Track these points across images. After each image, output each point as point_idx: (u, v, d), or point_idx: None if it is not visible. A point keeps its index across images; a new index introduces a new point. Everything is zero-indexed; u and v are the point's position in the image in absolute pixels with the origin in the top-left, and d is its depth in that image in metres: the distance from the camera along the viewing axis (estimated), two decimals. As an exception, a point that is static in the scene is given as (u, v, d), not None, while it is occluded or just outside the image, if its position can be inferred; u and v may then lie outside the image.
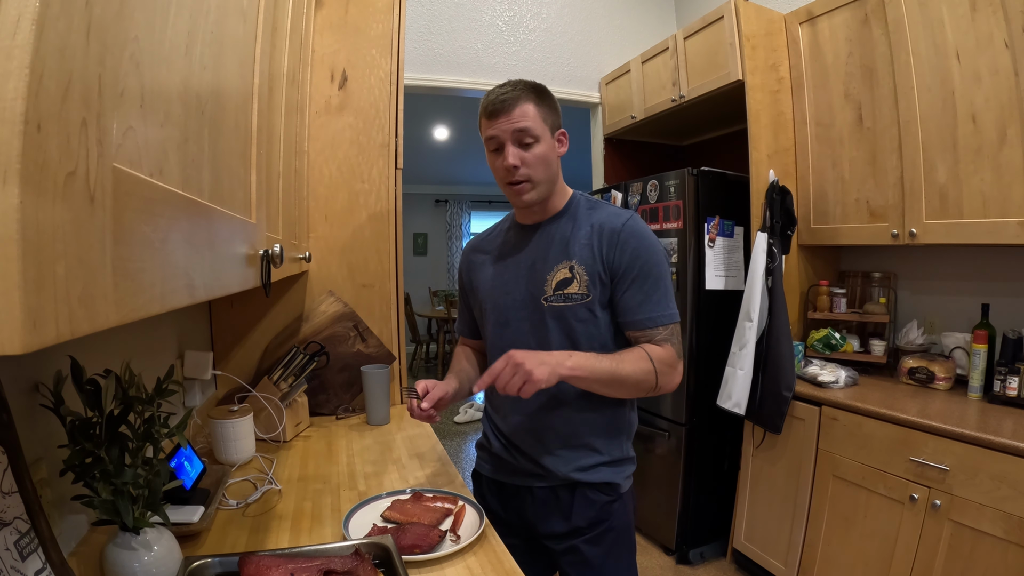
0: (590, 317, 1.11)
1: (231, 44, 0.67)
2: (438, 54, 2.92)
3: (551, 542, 1.18)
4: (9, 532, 0.63)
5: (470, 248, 1.32)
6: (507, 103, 1.06)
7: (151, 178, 0.42)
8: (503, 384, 0.96)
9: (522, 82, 1.09)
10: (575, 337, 1.12)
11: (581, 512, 1.14)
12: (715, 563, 2.40)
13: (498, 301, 1.19)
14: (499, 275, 1.20)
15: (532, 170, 1.09)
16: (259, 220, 0.83)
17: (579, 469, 1.14)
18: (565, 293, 1.11)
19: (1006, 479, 1.41)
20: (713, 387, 2.18)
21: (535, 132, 1.07)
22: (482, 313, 1.24)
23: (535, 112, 1.07)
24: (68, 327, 0.30)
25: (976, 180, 1.72)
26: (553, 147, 1.11)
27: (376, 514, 1.09)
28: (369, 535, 0.98)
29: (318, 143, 1.80)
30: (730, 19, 2.25)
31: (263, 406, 1.47)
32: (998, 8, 1.62)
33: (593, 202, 1.19)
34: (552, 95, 1.13)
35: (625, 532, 1.18)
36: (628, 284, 1.09)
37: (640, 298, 1.09)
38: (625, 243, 1.09)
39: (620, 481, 1.16)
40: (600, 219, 1.13)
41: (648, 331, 1.10)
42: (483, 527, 1.02)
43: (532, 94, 1.08)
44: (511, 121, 1.06)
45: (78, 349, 0.81)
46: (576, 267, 1.11)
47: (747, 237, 2.38)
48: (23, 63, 0.26)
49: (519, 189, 1.10)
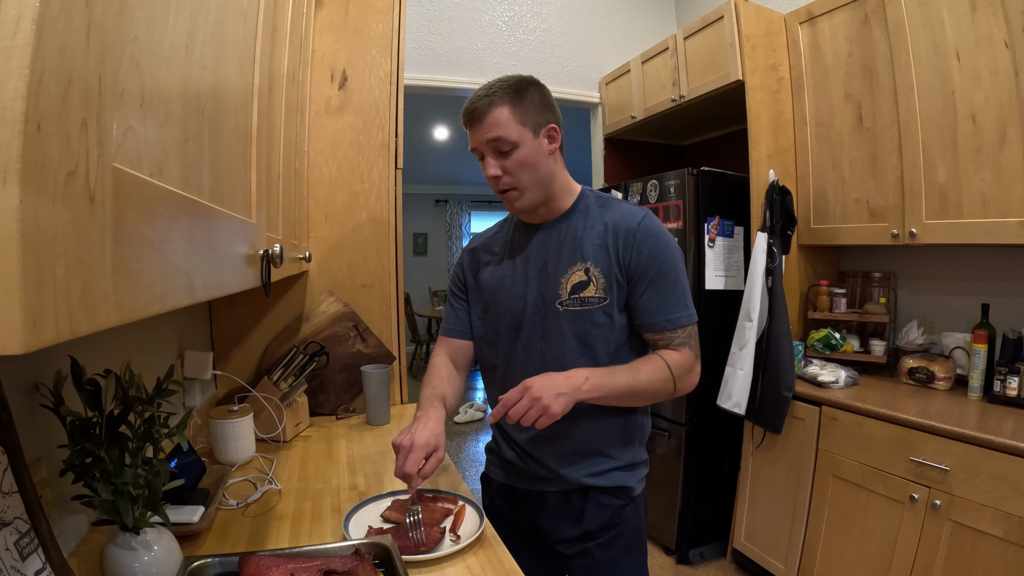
0: (607, 321, 1.08)
1: (231, 44, 0.67)
2: (438, 54, 2.92)
3: (562, 546, 1.16)
4: (9, 532, 0.63)
5: (473, 247, 1.27)
6: (478, 112, 1.02)
7: (151, 178, 0.42)
8: (518, 416, 0.94)
9: (499, 83, 1.04)
10: (590, 341, 1.08)
11: (593, 516, 1.12)
12: (715, 563, 2.40)
13: (509, 305, 1.14)
14: (508, 277, 1.16)
15: (515, 177, 1.05)
16: (259, 220, 0.83)
17: (592, 474, 1.11)
18: (582, 296, 1.07)
19: (1006, 479, 1.41)
20: (713, 387, 2.18)
21: (511, 138, 1.02)
22: (489, 315, 1.19)
23: (509, 116, 1.02)
24: (68, 327, 0.30)
25: (976, 180, 1.72)
26: (538, 147, 1.05)
27: (376, 514, 1.09)
28: (369, 535, 0.98)
29: (318, 143, 1.80)
30: (730, 19, 2.25)
31: (263, 406, 1.47)
32: (998, 8, 1.62)
33: (604, 199, 1.14)
34: (537, 89, 1.06)
35: (636, 535, 1.17)
36: (646, 286, 1.06)
37: (658, 300, 1.06)
38: (642, 243, 1.06)
39: (633, 484, 1.14)
40: (614, 218, 1.09)
41: (667, 333, 1.07)
42: (483, 527, 1.02)
43: (507, 96, 1.02)
44: (484, 131, 1.02)
45: (78, 349, 0.81)
46: (592, 269, 1.07)
47: (747, 237, 2.38)
48: (23, 63, 0.26)
49: (507, 197, 1.08)
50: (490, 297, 1.18)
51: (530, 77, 1.07)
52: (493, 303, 1.18)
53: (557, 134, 1.08)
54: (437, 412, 1.06)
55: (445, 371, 1.20)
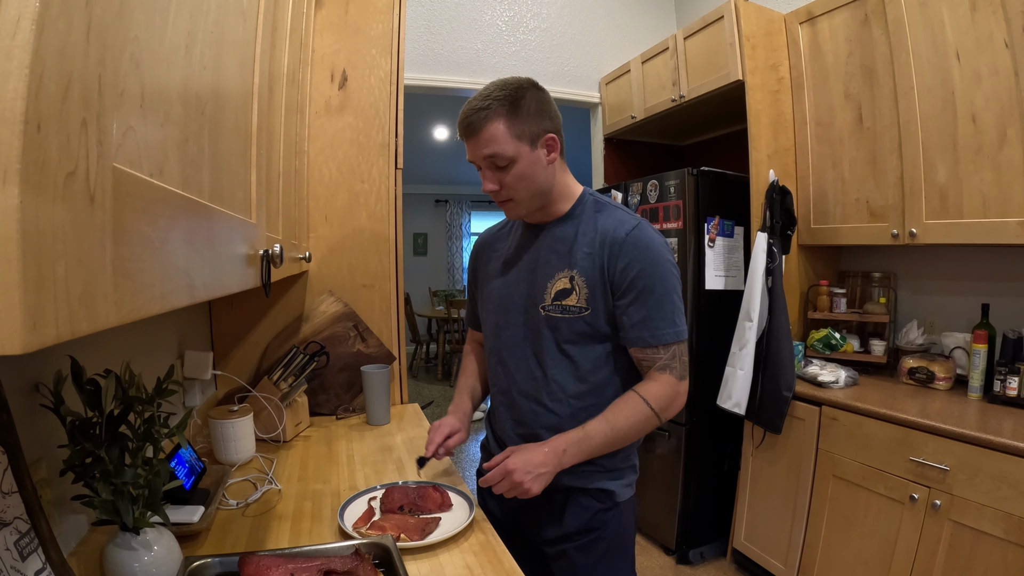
0: (588, 331, 1.06)
1: (231, 44, 0.67)
2: (438, 54, 2.92)
3: (544, 546, 1.16)
4: (9, 532, 0.63)
5: (481, 241, 1.29)
6: (473, 125, 1.00)
7: (151, 178, 0.42)
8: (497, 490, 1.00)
9: (494, 92, 1.00)
10: (568, 349, 1.07)
11: (572, 518, 1.11)
12: (715, 563, 2.40)
13: (499, 301, 1.16)
14: (503, 274, 1.17)
15: (512, 191, 1.04)
16: (259, 220, 0.83)
17: (572, 474, 1.08)
18: (563, 304, 1.06)
19: (1006, 479, 1.41)
20: (713, 387, 2.18)
21: (507, 154, 1.00)
22: (485, 311, 1.22)
23: (505, 131, 0.99)
24: (68, 327, 0.30)
25: (976, 180, 1.72)
26: (536, 160, 1.03)
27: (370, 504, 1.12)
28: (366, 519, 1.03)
29: (318, 143, 1.80)
30: (730, 19, 2.25)
31: (263, 406, 1.47)
32: (998, 8, 1.62)
33: (602, 204, 1.11)
34: (535, 96, 1.03)
35: (620, 542, 1.13)
36: (631, 300, 1.03)
37: (643, 315, 1.03)
38: (627, 255, 1.02)
39: (616, 489, 1.11)
40: (605, 226, 1.06)
41: (650, 351, 1.04)
42: (472, 516, 1.05)
43: (503, 108, 0.99)
44: (480, 146, 1.01)
45: (78, 349, 0.81)
46: (576, 278, 1.05)
47: (747, 237, 2.38)
48: (23, 63, 0.26)
49: (504, 207, 1.08)
50: (487, 292, 1.21)
51: (527, 81, 1.04)
52: (488, 299, 1.20)
53: (556, 143, 1.05)
54: (464, 406, 1.25)
55: (473, 363, 1.33)
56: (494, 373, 1.20)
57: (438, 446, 1.15)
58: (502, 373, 1.16)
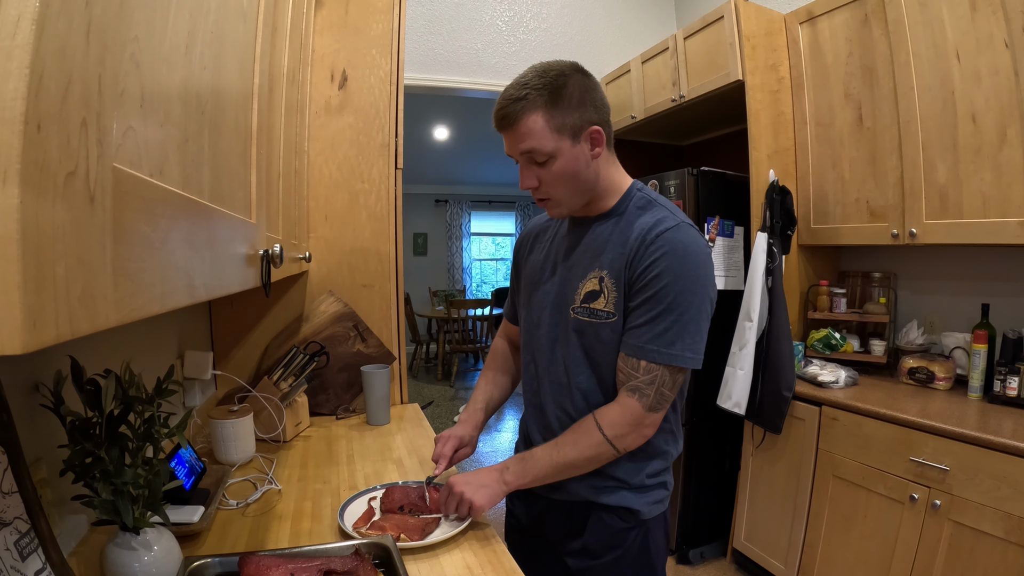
0: (614, 339, 0.97)
1: (231, 44, 0.67)
2: (438, 54, 2.92)
3: (568, 559, 1.10)
4: (9, 532, 0.63)
5: (527, 231, 1.21)
6: (508, 117, 0.92)
7: (151, 178, 0.42)
8: (451, 513, 1.01)
9: (533, 80, 0.91)
10: (595, 357, 0.99)
11: (594, 533, 1.05)
12: (715, 563, 2.40)
13: (533, 298, 1.10)
14: (542, 269, 1.10)
15: (551, 189, 0.96)
16: (259, 220, 0.83)
17: (595, 489, 1.03)
18: (591, 308, 0.98)
19: (1006, 479, 1.41)
20: (713, 387, 2.18)
21: (546, 150, 0.92)
22: (524, 307, 1.15)
23: (544, 125, 0.90)
24: (68, 327, 0.30)
25: (976, 180, 1.72)
26: (578, 156, 0.94)
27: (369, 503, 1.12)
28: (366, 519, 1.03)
29: (318, 143, 1.80)
30: (730, 19, 2.25)
31: (263, 406, 1.47)
32: (998, 8, 1.62)
33: (648, 200, 1.01)
34: (579, 83, 0.93)
35: (644, 563, 1.05)
36: (640, 303, 0.93)
37: (642, 320, 0.92)
38: (653, 254, 0.91)
39: (641, 508, 1.02)
40: (642, 224, 0.96)
41: (630, 361, 0.94)
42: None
43: (542, 99, 0.90)
44: (516, 140, 0.93)
45: (78, 349, 0.81)
46: (606, 280, 0.97)
47: (747, 237, 2.38)
48: (23, 63, 0.26)
49: (544, 206, 1.00)
50: (528, 287, 1.14)
51: (569, 66, 0.94)
52: (524, 294, 1.15)
53: (601, 136, 0.96)
54: (477, 417, 1.20)
55: (499, 360, 1.28)
56: (527, 372, 1.14)
57: (448, 460, 1.13)
58: (534, 374, 1.11)
